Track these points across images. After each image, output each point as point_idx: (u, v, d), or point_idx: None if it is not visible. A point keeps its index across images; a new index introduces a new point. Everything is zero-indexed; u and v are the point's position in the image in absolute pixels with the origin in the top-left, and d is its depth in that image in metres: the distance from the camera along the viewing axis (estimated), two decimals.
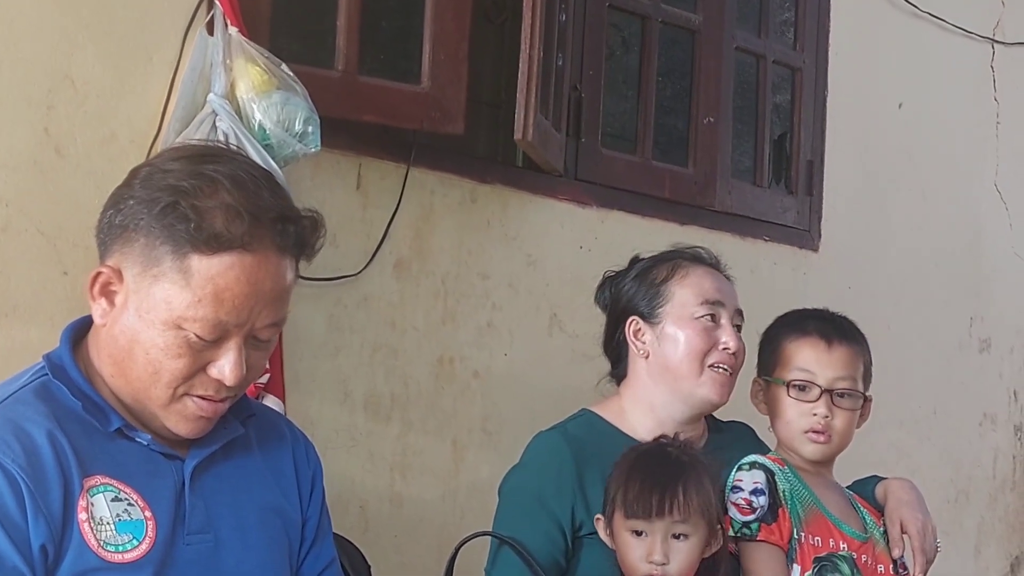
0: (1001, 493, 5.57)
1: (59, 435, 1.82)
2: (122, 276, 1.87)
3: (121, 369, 1.89)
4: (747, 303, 4.28)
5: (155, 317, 1.85)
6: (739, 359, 2.73)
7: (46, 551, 1.75)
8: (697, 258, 2.83)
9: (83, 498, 1.81)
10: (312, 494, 2.13)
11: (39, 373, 1.91)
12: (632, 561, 2.41)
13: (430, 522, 3.69)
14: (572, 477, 2.62)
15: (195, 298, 1.84)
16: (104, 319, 1.89)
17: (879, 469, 2.96)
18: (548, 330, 4.00)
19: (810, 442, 2.68)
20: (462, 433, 3.80)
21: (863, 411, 2.77)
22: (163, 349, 1.86)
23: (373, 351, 3.62)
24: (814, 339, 2.70)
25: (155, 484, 1.89)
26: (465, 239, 3.81)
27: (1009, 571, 5.61)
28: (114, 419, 1.88)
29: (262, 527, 2.00)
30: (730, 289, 2.81)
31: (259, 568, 1.98)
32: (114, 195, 1.92)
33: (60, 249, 2.86)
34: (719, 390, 2.69)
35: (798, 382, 2.67)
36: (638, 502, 2.40)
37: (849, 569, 2.61)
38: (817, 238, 4.83)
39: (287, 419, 2.21)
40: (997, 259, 5.53)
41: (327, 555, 2.15)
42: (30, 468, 1.77)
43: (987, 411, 5.50)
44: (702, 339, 2.69)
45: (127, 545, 1.83)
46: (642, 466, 2.45)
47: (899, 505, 2.78)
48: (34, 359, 2.73)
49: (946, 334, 5.33)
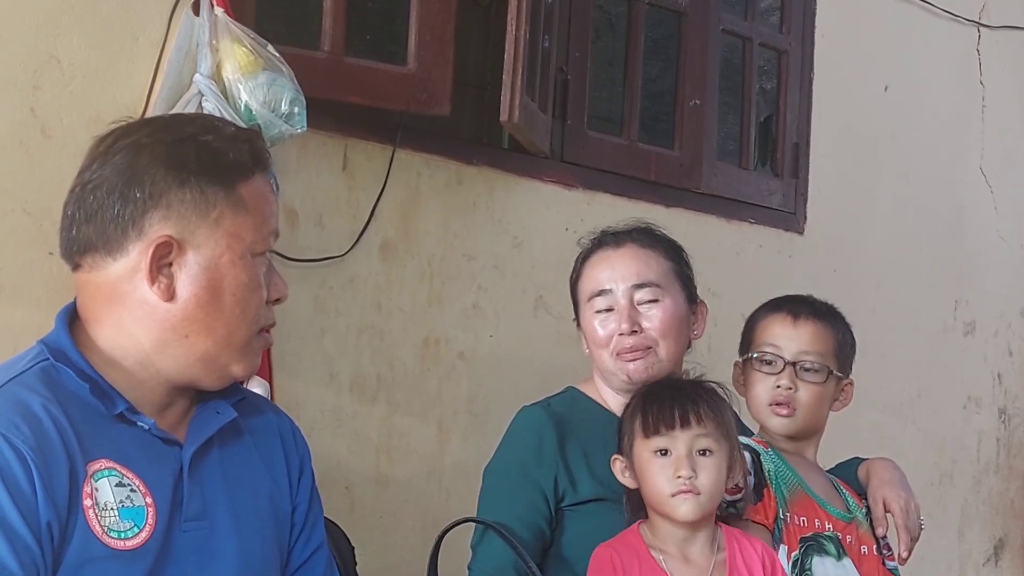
0: (985, 476, 5.59)
1: (63, 419, 1.82)
2: (177, 240, 1.87)
3: (197, 331, 1.89)
4: (732, 285, 4.32)
5: (232, 255, 1.91)
6: (649, 334, 2.70)
7: (52, 531, 1.75)
8: (598, 242, 2.81)
9: (87, 483, 1.81)
10: (301, 480, 2.14)
11: (39, 357, 1.90)
12: (659, 485, 2.39)
13: (415, 503, 3.69)
14: (554, 448, 2.64)
15: (256, 220, 1.94)
16: (168, 293, 1.89)
17: (863, 452, 2.98)
18: (534, 312, 4.01)
19: (774, 415, 2.70)
20: (447, 414, 3.80)
21: (844, 394, 2.79)
22: (247, 284, 1.93)
23: (359, 332, 3.62)
24: (782, 315, 2.74)
25: (155, 469, 1.89)
26: (451, 221, 3.82)
27: (992, 553, 5.63)
28: (119, 402, 1.88)
29: (254, 513, 2.01)
30: (627, 265, 2.74)
31: (251, 555, 1.98)
32: (105, 187, 1.89)
33: (46, 230, 2.85)
34: (632, 369, 2.69)
35: (765, 356, 2.70)
36: (660, 417, 2.39)
37: (835, 549, 2.63)
38: (803, 221, 4.84)
39: (274, 404, 2.22)
40: (982, 242, 5.55)
41: (316, 539, 2.15)
42: (39, 451, 1.77)
43: (971, 394, 5.53)
44: (600, 333, 2.72)
45: (129, 532, 1.83)
46: (657, 389, 2.47)
47: (881, 484, 2.79)
48: (19, 340, 2.74)
49: (931, 317, 5.35)
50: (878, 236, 5.11)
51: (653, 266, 2.75)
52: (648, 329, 2.69)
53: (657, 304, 2.71)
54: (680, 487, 2.38)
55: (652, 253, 2.76)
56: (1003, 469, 5.66)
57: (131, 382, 1.91)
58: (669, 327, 2.71)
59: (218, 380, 1.96)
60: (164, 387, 1.93)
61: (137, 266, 1.88)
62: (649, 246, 2.77)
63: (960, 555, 5.49)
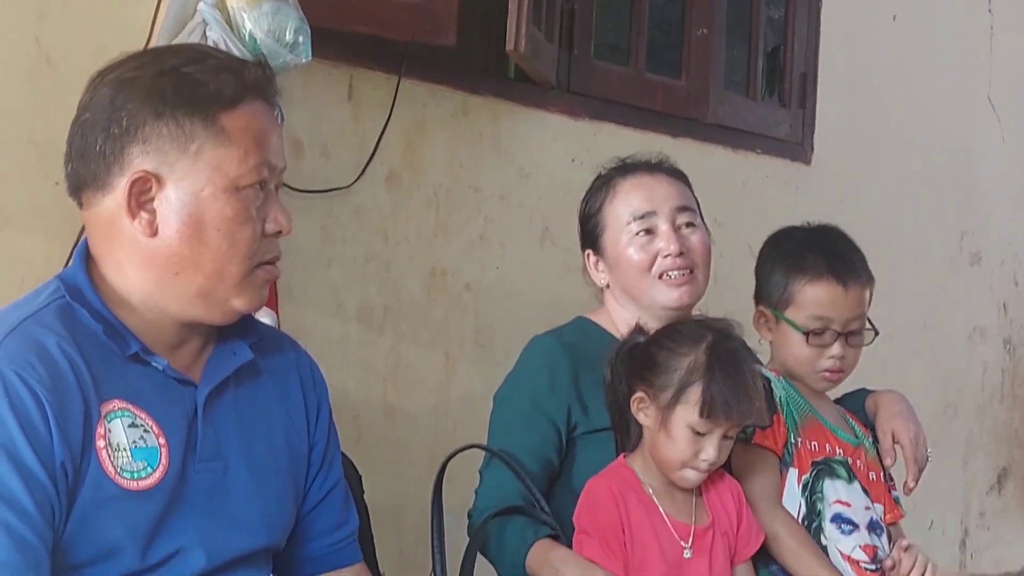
0: (990, 406, 5.61)
1: (79, 359, 1.81)
2: (155, 175, 1.86)
3: (185, 267, 1.86)
4: (738, 215, 4.32)
5: (214, 188, 1.87)
6: (692, 256, 2.68)
7: (66, 470, 1.76)
8: (628, 169, 2.78)
9: (101, 424, 1.81)
10: (319, 419, 2.13)
11: (56, 295, 1.89)
12: (680, 456, 2.39)
13: (422, 433, 3.71)
14: (567, 378, 2.63)
15: (241, 152, 1.88)
16: (151, 229, 1.87)
17: (868, 382, 2.98)
18: (540, 243, 4.01)
19: (823, 380, 2.70)
20: (454, 345, 3.81)
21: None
22: (232, 218, 1.87)
23: (365, 263, 3.63)
24: (831, 284, 2.67)
25: (169, 410, 1.89)
26: (457, 151, 3.81)
27: (996, 482, 5.67)
28: (132, 343, 1.88)
29: (270, 454, 2.01)
30: (667, 189, 2.73)
31: (266, 494, 1.98)
32: (91, 121, 1.88)
33: (51, 160, 2.83)
34: (677, 296, 2.67)
35: (816, 329, 2.67)
36: (725, 409, 2.35)
37: (845, 472, 2.64)
38: (809, 151, 4.83)
39: (293, 341, 2.19)
40: (989, 172, 5.54)
41: (334, 477, 2.15)
42: (54, 391, 1.76)
43: (977, 324, 5.53)
44: (640, 256, 2.67)
45: (142, 472, 1.83)
46: (728, 368, 2.38)
47: (890, 416, 2.80)
48: (27, 269, 2.75)
49: (937, 248, 5.35)
50: (885, 167, 5.09)
51: (688, 193, 2.76)
52: (690, 251, 2.68)
53: (696, 229, 2.71)
54: (699, 467, 2.40)
55: (680, 183, 2.77)
56: (1008, 399, 5.68)
57: (141, 321, 1.90)
58: (707, 252, 2.72)
59: (222, 316, 1.94)
60: (173, 325, 1.92)
61: (123, 202, 1.87)
62: (677, 176, 2.78)
63: (964, 484, 5.52)
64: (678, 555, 2.40)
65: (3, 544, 1.67)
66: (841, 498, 2.62)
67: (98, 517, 1.78)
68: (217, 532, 1.89)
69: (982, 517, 5.62)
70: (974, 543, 5.59)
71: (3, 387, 1.74)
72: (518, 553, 2.46)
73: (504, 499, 2.55)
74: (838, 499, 2.62)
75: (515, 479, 2.56)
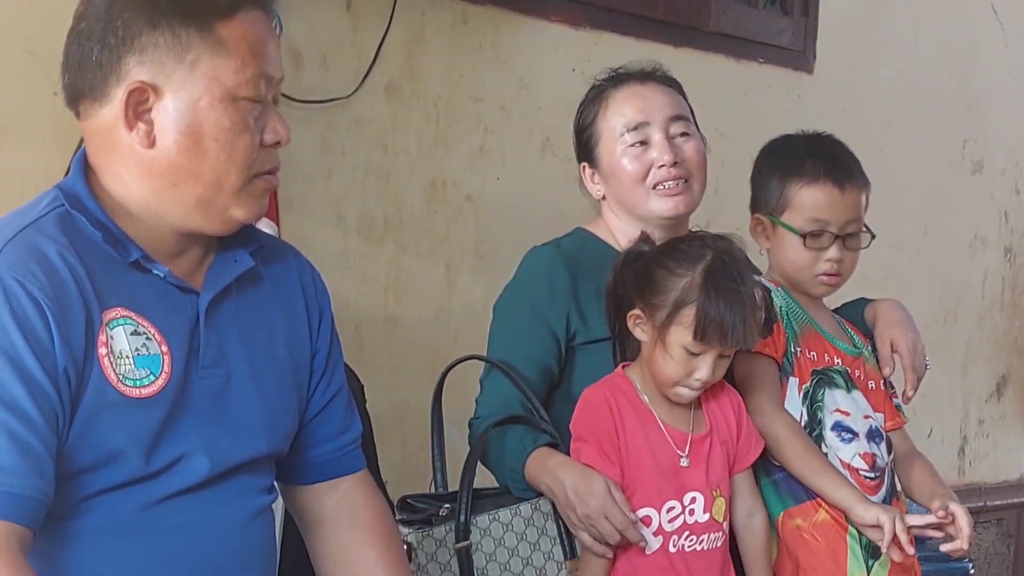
0: (989, 313, 5.63)
1: (79, 267, 1.81)
2: (151, 86, 1.85)
3: (184, 178, 1.86)
4: (740, 125, 4.30)
5: (211, 99, 1.85)
6: (687, 165, 2.67)
7: (68, 377, 1.77)
8: (620, 79, 2.75)
9: (103, 332, 1.81)
10: (320, 326, 2.13)
11: (55, 203, 1.88)
12: (673, 375, 2.39)
13: (424, 343, 3.73)
14: (566, 287, 2.64)
15: (238, 62, 1.86)
16: (148, 140, 1.87)
17: (869, 290, 2.99)
18: (540, 154, 4.00)
19: (821, 284, 2.70)
20: (455, 256, 3.82)
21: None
22: (230, 128, 1.86)
23: (365, 174, 3.63)
24: (827, 186, 2.66)
25: (171, 318, 1.89)
26: (457, 62, 3.79)
27: (995, 390, 5.70)
28: (133, 250, 1.88)
29: (272, 360, 2.01)
30: (660, 99, 2.70)
31: (269, 401, 1.99)
32: (87, 32, 1.87)
33: (50, 69, 2.82)
34: (672, 205, 2.66)
35: (813, 231, 2.67)
36: (718, 332, 2.34)
37: (844, 382, 2.66)
38: (812, 59, 4.80)
39: (295, 249, 2.18)
40: (992, 80, 5.51)
41: (336, 384, 2.16)
42: (55, 298, 1.76)
43: (978, 232, 5.54)
44: (635, 167, 2.66)
45: (145, 380, 1.84)
46: (723, 291, 2.35)
47: (889, 325, 2.81)
48: (27, 181, 2.75)
49: (939, 155, 5.34)
50: (887, 75, 5.07)
51: (681, 101, 2.74)
52: (685, 161, 2.68)
53: (690, 137, 2.70)
54: (692, 386, 2.41)
55: (674, 91, 2.75)
56: (1008, 307, 5.70)
57: (142, 229, 1.90)
58: (702, 161, 2.70)
59: (222, 225, 1.94)
60: (173, 234, 1.92)
61: (120, 113, 1.86)
62: (670, 84, 2.76)
63: (963, 391, 5.56)
64: (674, 463, 2.42)
65: (6, 449, 1.68)
66: (841, 407, 2.63)
67: (101, 424, 1.79)
68: (220, 438, 1.90)
69: (981, 425, 5.66)
70: (972, 450, 5.63)
71: (4, 294, 1.74)
72: (517, 460, 2.48)
73: (504, 408, 2.57)
74: (838, 408, 2.63)
75: (515, 388, 2.58)
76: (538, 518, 2.48)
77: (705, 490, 2.43)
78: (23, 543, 1.68)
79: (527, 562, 2.46)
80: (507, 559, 2.44)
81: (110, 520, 1.82)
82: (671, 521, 2.40)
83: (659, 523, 2.39)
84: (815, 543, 2.56)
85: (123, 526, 1.82)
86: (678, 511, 2.41)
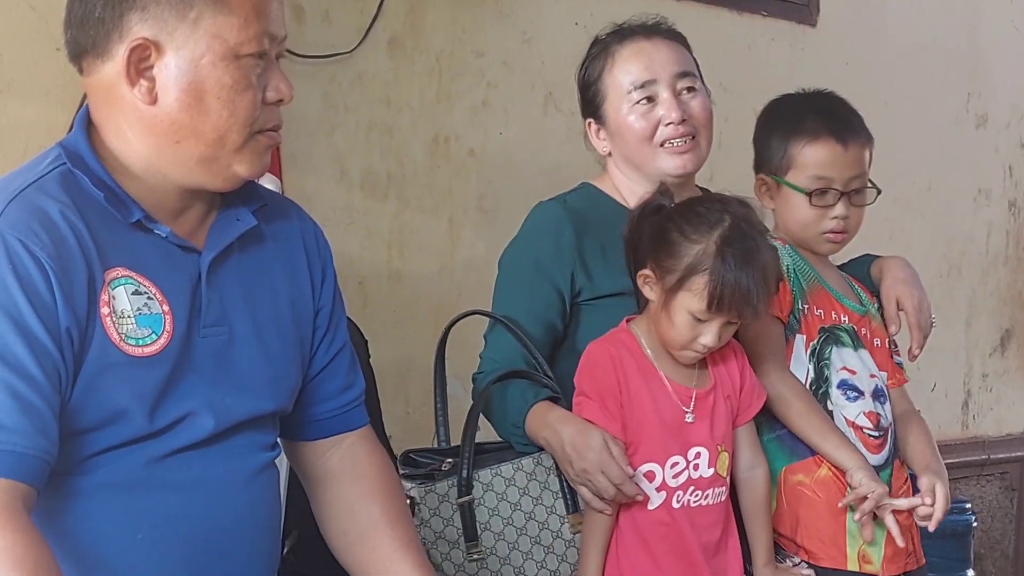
0: (993, 268, 5.62)
1: (81, 226, 1.81)
2: (154, 43, 1.84)
3: (186, 135, 1.85)
4: (744, 79, 4.29)
5: (213, 56, 1.85)
6: (694, 122, 2.65)
7: (71, 336, 1.77)
8: (625, 34, 2.73)
9: (105, 291, 1.81)
10: (323, 283, 2.13)
11: (57, 161, 1.88)
12: (680, 338, 2.39)
13: (427, 298, 3.74)
14: (571, 243, 2.63)
15: (241, 20, 1.86)
16: (150, 97, 1.87)
17: (873, 245, 2.99)
18: (543, 108, 3.99)
19: (828, 242, 2.70)
20: (458, 211, 3.82)
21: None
22: (232, 86, 1.86)
23: (368, 129, 3.62)
24: (829, 142, 2.66)
25: (173, 277, 1.89)
26: (459, 16, 3.77)
27: (999, 344, 5.70)
28: (135, 210, 1.88)
29: (274, 319, 2.02)
30: (665, 54, 2.68)
31: (272, 358, 1.99)
32: None
33: (52, 25, 2.82)
34: (680, 163, 2.65)
35: (818, 189, 2.66)
36: (729, 303, 2.33)
37: (850, 340, 2.66)
38: (816, 13, 4.78)
39: (297, 206, 2.18)
40: (996, 33, 5.48)
41: (339, 341, 2.16)
42: (57, 258, 1.76)
43: (982, 186, 5.52)
44: (642, 124, 2.64)
45: (147, 339, 1.84)
46: (736, 262, 2.33)
47: (895, 283, 2.81)
48: (29, 136, 2.74)
49: (943, 109, 5.32)
50: (891, 28, 5.05)
51: (687, 56, 2.73)
52: (692, 118, 2.66)
53: (697, 93, 2.68)
54: (696, 350, 2.40)
55: (679, 45, 2.73)
56: (1012, 261, 5.69)
57: (144, 188, 1.90)
58: (709, 117, 2.69)
59: (224, 182, 1.94)
60: (175, 192, 1.92)
61: (123, 69, 1.86)
62: (674, 38, 2.74)
63: (967, 345, 5.56)
64: (679, 419, 2.42)
65: (10, 408, 1.69)
66: (847, 365, 2.64)
67: (104, 383, 1.79)
68: (224, 396, 1.91)
69: (984, 379, 5.66)
70: (976, 404, 5.64)
71: (6, 254, 1.74)
72: (519, 414, 2.49)
73: (508, 363, 2.57)
74: (844, 366, 2.64)
75: (518, 343, 2.58)
76: (540, 472, 2.49)
77: (710, 445, 2.43)
78: (26, 501, 1.69)
79: (529, 516, 2.47)
80: (509, 513, 2.45)
81: (115, 476, 1.82)
82: (675, 476, 2.41)
83: (663, 478, 2.40)
84: (816, 499, 2.58)
85: (128, 482, 1.83)
86: (682, 466, 2.41)
